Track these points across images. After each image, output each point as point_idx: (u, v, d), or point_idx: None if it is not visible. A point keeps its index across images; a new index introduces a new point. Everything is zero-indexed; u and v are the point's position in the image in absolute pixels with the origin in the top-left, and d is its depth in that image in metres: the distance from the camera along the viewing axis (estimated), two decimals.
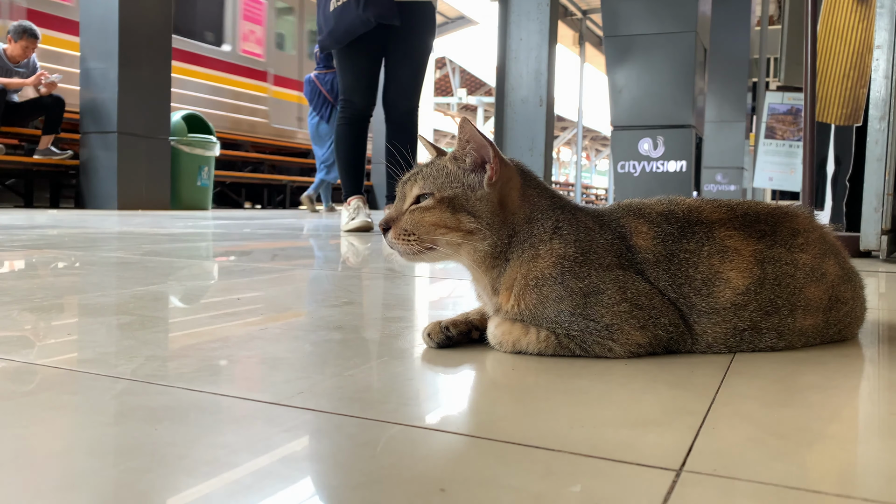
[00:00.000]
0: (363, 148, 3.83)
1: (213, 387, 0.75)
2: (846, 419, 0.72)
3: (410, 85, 3.78)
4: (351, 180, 3.84)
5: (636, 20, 5.74)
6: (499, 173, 0.94)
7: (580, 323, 0.90)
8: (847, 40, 3.02)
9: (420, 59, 3.81)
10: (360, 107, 3.75)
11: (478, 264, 0.96)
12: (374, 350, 0.97)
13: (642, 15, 5.71)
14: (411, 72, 3.77)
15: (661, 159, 5.71)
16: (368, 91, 3.76)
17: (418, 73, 3.81)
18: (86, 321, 1.13)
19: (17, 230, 3.32)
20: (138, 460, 0.54)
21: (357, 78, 3.74)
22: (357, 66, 3.74)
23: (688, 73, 5.60)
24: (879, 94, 2.54)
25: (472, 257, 0.95)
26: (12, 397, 0.71)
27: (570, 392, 0.77)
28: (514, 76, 5.56)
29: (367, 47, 3.67)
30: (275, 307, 1.31)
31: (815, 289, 0.97)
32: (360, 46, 3.66)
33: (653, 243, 0.95)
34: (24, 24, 6.46)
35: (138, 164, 6.55)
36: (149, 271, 1.80)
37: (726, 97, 9.74)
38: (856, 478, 0.55)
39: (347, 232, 3.71)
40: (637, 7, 5.72)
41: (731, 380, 0.82)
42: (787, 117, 6.73)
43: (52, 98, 6.54)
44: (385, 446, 0.59)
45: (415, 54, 3.76)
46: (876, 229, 2.57)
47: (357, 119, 3.76)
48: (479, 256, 0.95)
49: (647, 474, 0.54)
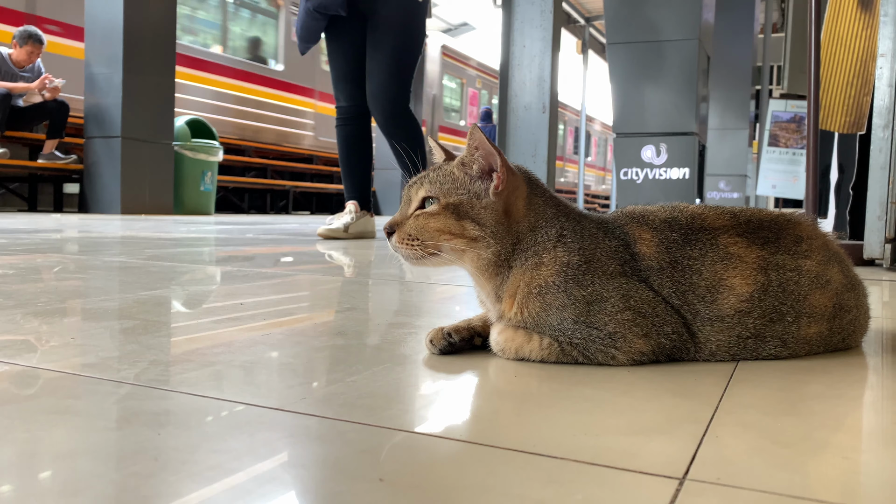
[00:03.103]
0: (357, 150, 3.67)
1: (215, 392, 0.75)
2: (850, 428, 0.72)
3: (384, 80, 3.50)
4: (345, 184, 3.74)
5: (639, 27, 5.75)
6: (505, 183, 0.93)
7: (583, 331, 0.90)
8: (850, 48, 3.02)
9: (394, 51, 3.49)
10: (343, 105, 3.63)
11: (481, 271, 0.96)
12: (377, 356, 0.97)
13: (645, 22, 5.72)
14: (384, 65, 3.49)
15: (664, 166, 5.71)
16: (347, 87, 3.59)
17: (392, 66, 3.49)
18: (89, 325, 1.13)
19: (21, 234, 3.33)
20: (141, 465, 0.54)
21: (336, 75, 3.63)
22: (333, 63, 3.63)
23: (691, 81, 5.61)
24: (883, 103, 2.54)
25: (475, 264, 0.95)
26: (15, 401, 0.71)
27: (573, 399, 0.77)
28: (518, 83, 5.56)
29: (340, 42, 3.54)
30: (278, 312, 1.31)
31: (819, 296, 0.97)
32: (334, 43, 3.55)
33: (656, 250, 0.95)
34: (30, 29, 6.49)
35: (142, 169, 6.57)
36: (152, 276, 1.80)
37: (729, 105, 9.75)
38: (859, 487, 0.55)
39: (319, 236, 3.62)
40: (640, 14, 5.73)
41: (734, 388, 0.82)
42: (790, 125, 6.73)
43: (56, 102, 6.57)
44: (388, 453, 0.59)
45: (387, 46, 3.48)
46: (879, 238, 2.56)
47: (346, 119, 3.64)
48: (482, 264, 0.95)
49: (650, 483, 0.54)
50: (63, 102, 6.61)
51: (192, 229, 4.22)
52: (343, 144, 3.67)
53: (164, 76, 6.77)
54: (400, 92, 3.55)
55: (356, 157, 3.68)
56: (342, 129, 3.66)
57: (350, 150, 3.67)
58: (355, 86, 3.59)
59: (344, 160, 3.70)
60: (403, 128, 3.55)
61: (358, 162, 3.69)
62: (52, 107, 6.57)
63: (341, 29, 3.51)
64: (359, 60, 3.59)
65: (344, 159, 3.69)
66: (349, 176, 3.71)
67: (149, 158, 6.64)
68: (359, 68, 3.59)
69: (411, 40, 3.58)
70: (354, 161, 3.68)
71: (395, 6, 3.48)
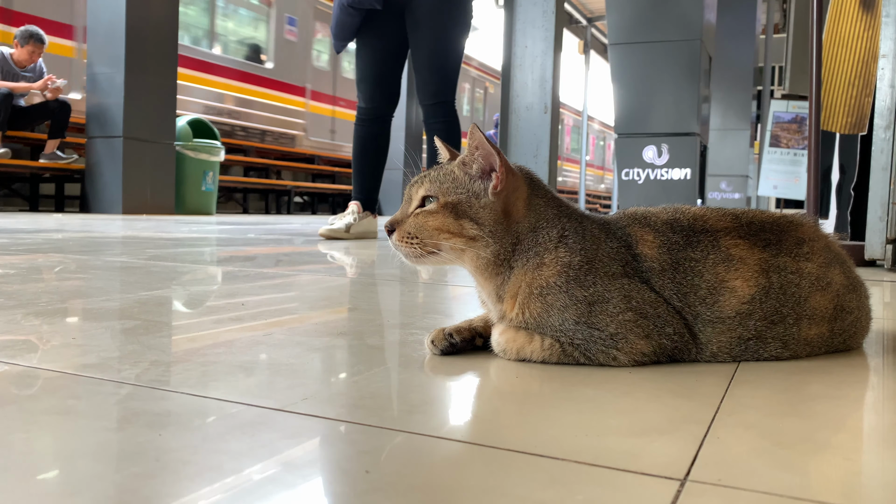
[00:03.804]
0: (370, 152, 3.66)
1: (216, 392, 0.75)
2: (851, 429, 0.72)
3: (425, 76, 3.50)
4: (354, 183, 3.74)
5: (641, 28, 5.75)
6: (504, 183, 0.93)
7: (584, 332, 0.90)
8: (852, 49, 3.02)
9: (435, 44, 3.45)
10: (362, 106, 3.61)
11: (480, 271, 0.96)
12: (378, 357, 0.97)
13: (647, 23, 5.72)
14: (423, 60, 3.48)
15: (666, 167, 5.70)
16: (369, 88, 3.56)
17: (432, 61, 3.48)
18: (90, 325, 1.13)
19: (23, 234, 3.33)
20: (142, 466, 0.54)
21: (359, 75, 3.59)
22: (359, 63, 3.59)
23: (692, 81, 5.60)
24: (885, 104, 2.54)
25: (474, 263, 0.95)
26: (16, 401, 0.71)
27: (575, 400, 0.77)
28: (519, 83, 5.56)
29: (370, 41, 3.50)
30: (279, 312, 1.31)
31: (820, 298, 0.97)
32: (364, 40, 3.51)
33: (658, 252, 0.94)
34: (31, 28, 6.49)
35: (143, 169, 6.57)
36: (153, 276, 1.80)
37: (731, 105, 9.74)
38: (861, 488, 0.55)
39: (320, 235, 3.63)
40: (642, 15, 5.72)
41: (735, 389, 0.82)
42: (791, 126, 6.72)
43: (58, 102, 6.58)
44: (389, 454, 0.59)
45: (427, 38, 3.44)
46: (881, 238, 2.56)
47: (363, 120, 3.62)
48: (481, 263, 0.95)
49: (651, 484, 0.53)
50: (65, 102, 6.62)
51: (194, 229, 4.22)
52: (357, 144, 3.68)
53: (165, 76, 6.77)
54: (440, 88, 3.52)
55: (367, 158, 3.67)
56: (358, 129, 3.66)
57: (362, 150, 3.67)
58: (376, 88, 3.56)
59: (355, 159, 3.70)
60: (442, 123, 3.54)
61: (368, 163, 3.68)
62: (54, 106, 6.57)
63: (375, 27, 3.46)
64: (386, 61, 3.55)
65: (355, 159, 3.70)
66: (358, 175, 3.71)
67: (150, 158, 6.65)
68: (384, 70, 3.56)
69: (452, 31, 3.50)
70: (365, 162, 3.68)
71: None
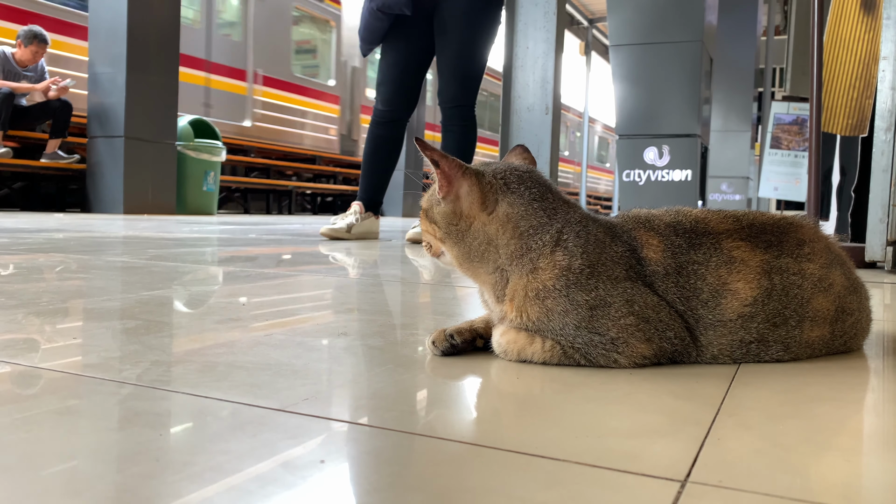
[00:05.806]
0: (380, 153, 3.66)
1: (217, 392, 0.75)
2: (852, 431, 0.72)
3: (447, 79, 3.51)
4: (360, 182, 3.75)
5: (642, 29, 5.75)
6: (446, 188, 0.96)
7: (585, 336, 0.90)
8: (853, 51, 3.02)
9: (460, 49, 3.46)
10: (379, 108, 3.61)
11: (463, 270, 0.99)
12: (379, 357, 0.97)
13: (648, 24, 5.72)
14: (446, 65, 3.49)
15: (667, 168, 5.70)
16: (387, 91, 3.56)
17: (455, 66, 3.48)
18: (91, 325, 1.13)
19: (24, 234, 3.33)
20: (142, 466, 0.54)
21: (380, 77, 3.60)
22: (382, 65, 3.60)
23: (693, 83, 5.60)
24: (885, 106, 2.54)
25: (453, 264, 1.00)
26: (16, 401, 0.71)
27: (575, 401, 0.77)
28: (521, 84, 5.55)
29: (397, 45, 3.51)
30: (280, 313, 1.31)
31: (821, 300, 0.97)
32: (391, 42, 3.51)
33: (663, 255, 0.94)
34: (34, 28, 6.50)
35: (145, 169, 6.58)
36: (154, 276, 1.80)
37: (732, 107, 9.73)
38: (861, 490, 0.55)
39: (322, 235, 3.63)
40: (643, 16, 5.72)
41: (736, 390, 0.82)
42: (792, 127, 6.72)
43: (59, 102, 6.58)
44: (390, 454, 0.59)
45: (452, 43, 3.45)
46: (881, 240, 2.56)
47: (378, 122, 3.63)
48: (456, 263, 0.99)
49: (651, 485, 0.53)
50: (66, 102, 6.62)
51: (195, 229, 4.22)
52: (369, 144, 3.70)
53: (167, 76, 6.78)
54: (462, 93, 3.54)
55: (377, 159, 3.69)
56: (373, 130, 3.67)
57: (374, 151, 3.68)
58: (397, 92, 3.57)
59: (365, 159, 3.72)
60: (460, 127, 3.56)
61: (377, 165, 3.69)
62: (56, 106, 6.58)
63: (402, 32, 3.48)
64: (409, 66, 3.57)
65: (365, 159, 3.72)
66: (365, 176, 3.73)
67: (152, 158, 6.65)
68: (406, 75, 3.57)
69: (479, 38, 3.51)
70: (374, 163, 3.69)
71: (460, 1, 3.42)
